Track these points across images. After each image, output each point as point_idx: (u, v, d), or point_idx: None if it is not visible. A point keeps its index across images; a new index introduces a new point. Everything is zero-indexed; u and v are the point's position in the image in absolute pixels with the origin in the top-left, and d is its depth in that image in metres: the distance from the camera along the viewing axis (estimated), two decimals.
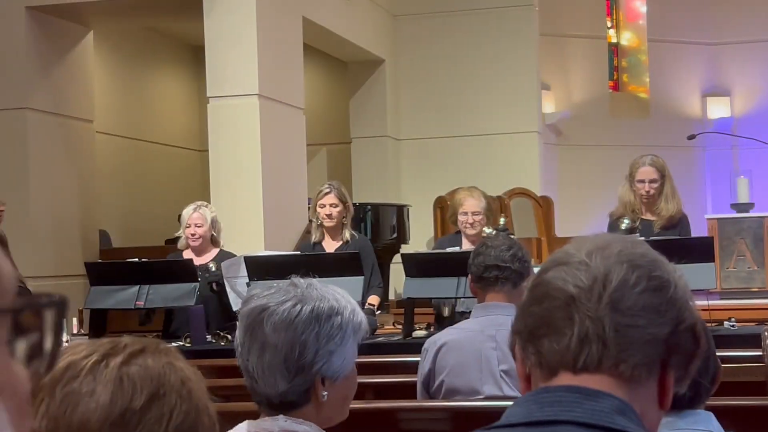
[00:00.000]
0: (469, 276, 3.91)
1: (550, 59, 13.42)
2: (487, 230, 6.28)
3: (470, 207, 6.17)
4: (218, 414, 1.50)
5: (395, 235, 11.06)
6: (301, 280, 2.17)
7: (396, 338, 5.98)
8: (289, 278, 2.18)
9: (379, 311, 6.71)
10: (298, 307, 2.08)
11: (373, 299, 6.24)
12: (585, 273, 1.30)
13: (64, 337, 6.06)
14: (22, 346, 0.58)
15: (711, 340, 2.25)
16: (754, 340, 4.81)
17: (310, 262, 5.72)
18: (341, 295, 2.17)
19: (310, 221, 6.58)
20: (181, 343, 6.03)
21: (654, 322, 1.28)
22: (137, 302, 6.15)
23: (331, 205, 6.38)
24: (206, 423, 1.42)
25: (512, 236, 6.84)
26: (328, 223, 6.38)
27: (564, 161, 13.77)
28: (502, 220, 8.24)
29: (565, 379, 1.29)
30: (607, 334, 1.27)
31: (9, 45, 9.10)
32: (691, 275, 5.27)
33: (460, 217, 6.20)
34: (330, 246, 6.43)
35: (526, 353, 1.33)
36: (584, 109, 13.97)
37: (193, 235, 6.54)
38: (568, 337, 1.28)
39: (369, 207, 10.97)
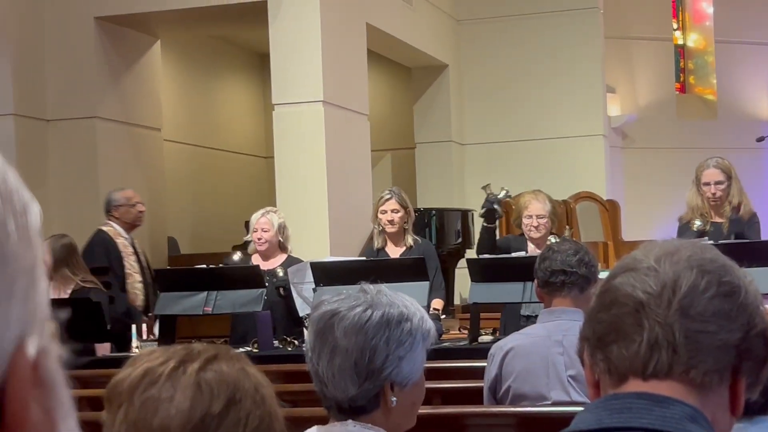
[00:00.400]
0: (535, 281, 3.89)
1: (616, 62, 13.32)
2: (552, 239, 6.25)
3: (535, 210, 6.13)
4: (286, 419, 1.52)
5: (460, 240, 11.03)
6: (371, 287, 2.18)
7: (462, 343, 5.97)
8: (358, 284, 2.19)
9: (444, 316, 6.70)
10: (369, 312, 2.10)
11: (437, 303, 6.23)
12: (654, 279, 1.29)
13: (134, 344, 6.15)
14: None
15: None
16: None
17: (375, 268, 5.73)
18: (410, 302, 2.18)
19: (374, 227, 6.59)
20: (248, 349, 6.08)
21: (725, 327, 1.27)
22: (205, 308, 6.20)
23: (392, 211, 6.38)
24: (277, 429, 1.44)
25: None
26: (390, 228, 6.38)
27: (630, 164, 13.65)
28: (567, 231, 8.17)
29: (634, 385, 1.28)
30: (678, 340, 1.26)
31: (79, 55, 9.25)
32: (761, 278, 5.20)
33: (525, 221, 6.17)
34: (393, 252, 6.44)
35: (595, 360, 1.33)
36: (650, 111, 13.85)
37: (259, 239, 6.59)
38: (637, 343, 1.28)
39: (434, 212, 10.97)
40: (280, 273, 6.37)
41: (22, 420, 0.55)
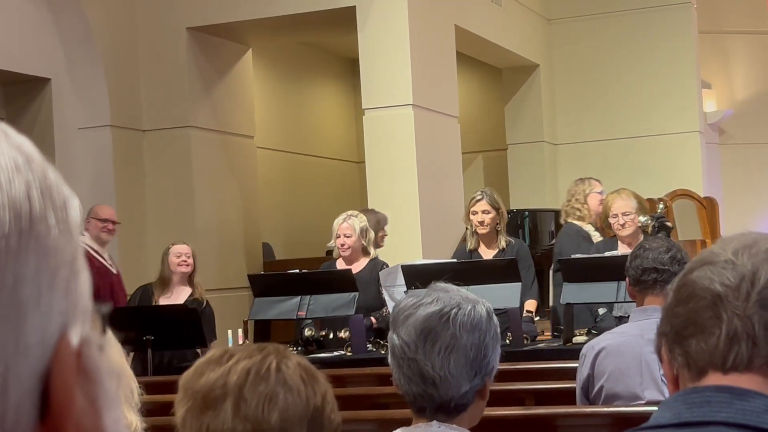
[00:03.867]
0: (627, 279, 3.85)
1: (711, 57, 13.10)
2: (643, 219, 6.16)
3: (619, 208, 6.07)
4: (377, 421, 1.57)
5: (554, 241, 10.95)
6: (444, 284, 2.20)
7: (556, 344, 5.93)
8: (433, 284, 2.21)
9: (537, 317, 6.66)
10: (477, 308, 2.14)
11: (531, 305, 6.20)
12: (732, 271, 1.27)
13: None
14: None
15: None
16: None
17: (467, 269, 5.73)
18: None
19: (467, 229, 6.58)
20: (342, 352, 6.12)
21: None
22: (299, 312, 6.27)
23: (483, 212, 6.36)
24: (340, 424, 1.49)
25: (668, 223, 6.72)
26: (481, 230, 6.37)
27: (728, 161, 13.41)
28: (660, 207, 8.02)
29: (714, 379, 1.26)
30: (757, 332, 1.24)
31: (172, 66, 9.42)
32: None
33: (611, 221, 6.11)
34: (486, 253, 6.42)
35: (673, 355, 1.31)
36: (748, 106, 13.59)
37: (342, 245, 6.63)
38: (716, 336, 1.26)
39: (527, 213, 10.91)
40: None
41: (68, 408, 0.57)
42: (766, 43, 13.93)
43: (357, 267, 6.63)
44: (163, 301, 6.90)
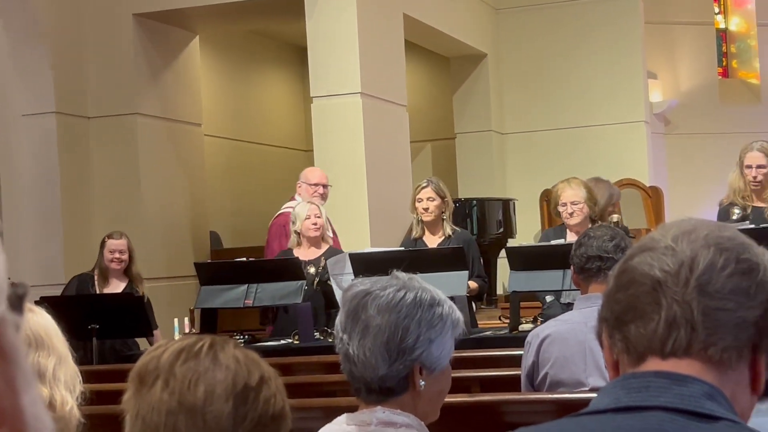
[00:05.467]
0: (572, 267, 3.88)
1: (657, 47, 13.21)
2: (614, 218, 6.25)
3: (569, 197, 6.10)
4: (324, 408, 1.59)
5: (502, 230, 11.02)
6: (402, 273, 2.20)
7: (502, 332, 5.96)
8: (390, 272, 2.21)
9: (482, 307, 6.69)
10: (402, 292, 2.13)
11: (472, 283, 6.20)
12: (671, 257, 1.28)
13: (176, 337, 6.21)
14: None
15: None
16: None
17: (413, 258, 5.74)
18: (440, 292, 2.20)
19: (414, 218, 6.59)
20: (290, 341, 6.11)
21: (743, 305, 1.26)
22: (246, 301, 6.25)
23: (428, 199, 6.37)
24: (288, 416, 1.49)
25: (630, 236, 6.76)
26: (426, 217, 6.38)
27: (673, 151, 13.54)
28: (615, 218, 8.08)
29: (653, 364, 1.27)
30: (696, 317, 1.25)
31: (118, 52, 9.32)
32: None
33: (560, 209, 6.15)
34: (431, 241, 6.43)
35: (614, 340, 1.32)
36: (693, 97, 13.73)
37: (314, 224, 6.62)
38: (655, 321, 1.27)
39: (475, 202, 10.95)
40: (323, 263, 6.39)
41: None
42: (711, 34, 14.07)
43: (316, 252, 6.63)
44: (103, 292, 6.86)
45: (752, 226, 5.59)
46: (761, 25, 14.14)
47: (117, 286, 6.91)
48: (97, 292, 6.84)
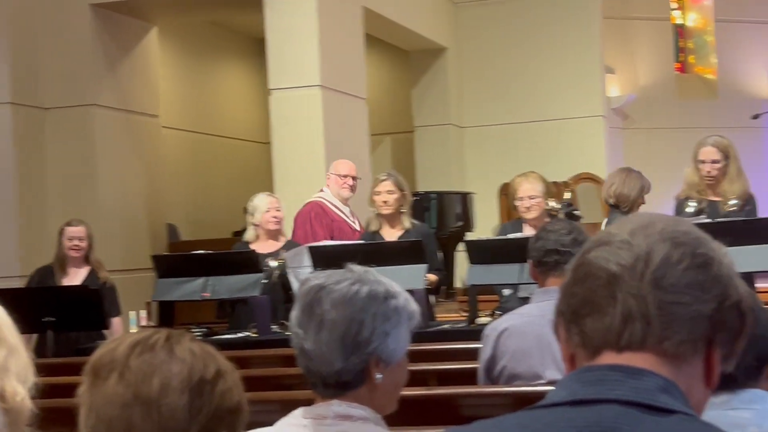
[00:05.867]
0: (530, 261, 3.89)
1: (615, 42, 13.29)
2: (553, 205, 6.23)
3: (526, 191, 6.12)
4: (280, 402, 1.59)
5: (460, 223, 11.04)
6: (357, 267, 2.19)
7: (460, 325, 5.97)
8: (345, 266, 2.20)
9: (441, 300, 6.69)
10: (357, 286, 2.12)
11: (431, 276, 6.20)
12: (627, 252, 1.29)
13: (133, 330, 6.17)
14: None
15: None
16: None
17: (372, 251, 5.73)
18: (395, 284, 2.19)
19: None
20: (247, 333, 6.09)
21: (698, 299, 1.27)
22: (203, 293, 6.21)
23: (387, 192, 6.37)
24: (245, 409, 1.50)
25: (577, 212, 6.79)
26: (384, 210, 6.37)
27: (630, 145, 13.64)
28: (566, 195, 8.14)
29: (608, 358, 1.28)
30: (651, 311, 1.26)
31: (75, 43, 9.24)
32: (757, 256, 5.19)
33: (517, 203, 6.16)
34: (390, 234, 6.43)
35: (570, 334, 1.32)
36: (650, 92, 13.83)
37: (275, 218, 6.61)
38: (611, 315, 1.27)
39: (434, 195, 10.96)
40: (272, 263, 6.36)
41: None
42: (669, 29, 14.18)
43: (274, 245, 6.61)
44: (63, 283, 6.79)
45: (708, 220, 5.64)
46: (718, 21, 14.26)
47: (76, 275, 6.84)
48: (59, 282, 6.77)
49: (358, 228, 6.99)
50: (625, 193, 6.24)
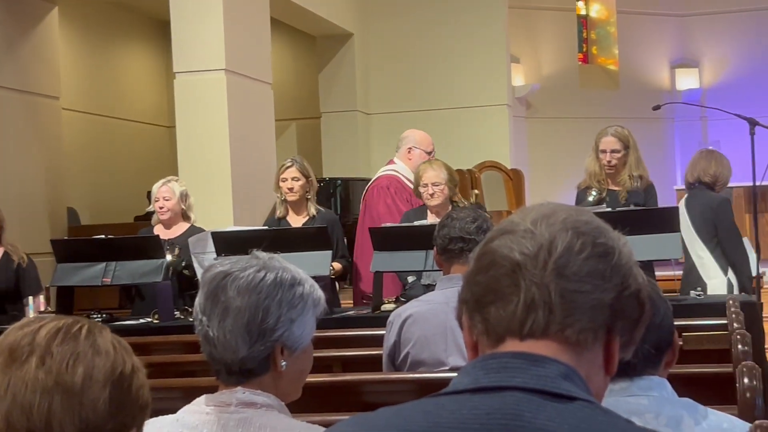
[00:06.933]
0: (435, 248, 3.92)
1: (520, 32, 13.42)
2: (461, 201, 6.28)
3: (430, 178, 6.15)
4: (183, 389, 1.59)
5: None
6: (263, 253, 2.18)
7: (365, 312, 5.98)
8: (250, 252, 2.19)
9: (346, 287, 6.70)
10: (262, 273, 2.11)
11: (335, 264, 6.21)
12: (530, 240, 1.30)
13: (31, 316, 6.04)
14: None
15: (667, 309, 2.26)
16: (719, 309, 4.85)
17: (277, 237, 5.71)
18: (301, 271, 2.19)
19: (278, 197, 6.56)
20: (149, 320, 6.02)
21: (599, 287, 1.29)
22: (104, 279, 6.11)
23: (292, 179, 6.35)
24: (150, 404, 1.50)
25: (485, 212, 6.85)
26: (290, 197, 6.36)
27: (534, 134, 13.80)
28: (474, 194, 8.23)
29: (511, 345, 1.29)
30: (553, 299, 1.27)
31: None
32: (656, 245, 5.30)
33: (421, 190, 6.19)
34: (295, 221, 6.41)
35: (473, 322, 1.33)
36: (554, 81, 14.00)
37: (161, 208, 6.53)
38: (514, 303, 1.29)
39: (339, 181, 10.96)
40: (174, 250, 6.29)
41: None
42: (573, 20, 14.37)
43: (176, 231, 6.54)
44: None
45: (609, 209, 5.73)
46: (621, 13, 14.50)
47: None
48: None
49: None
50: (725, 174, 6.38)
